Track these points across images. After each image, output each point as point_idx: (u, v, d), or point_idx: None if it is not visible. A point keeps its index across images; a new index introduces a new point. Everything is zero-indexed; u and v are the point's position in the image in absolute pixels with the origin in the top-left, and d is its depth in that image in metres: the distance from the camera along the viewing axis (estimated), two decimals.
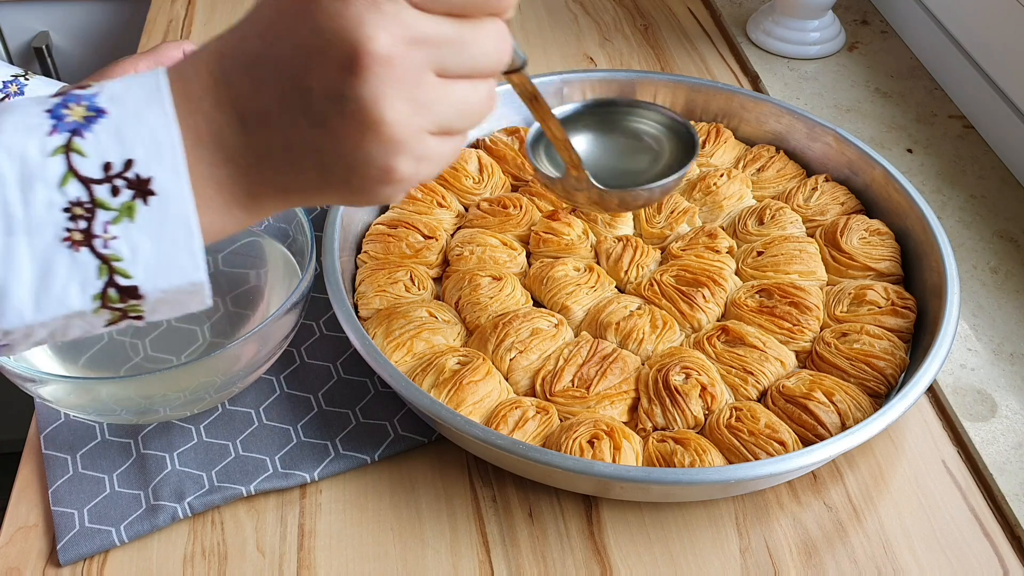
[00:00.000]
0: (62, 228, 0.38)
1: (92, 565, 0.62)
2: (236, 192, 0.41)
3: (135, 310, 0.40)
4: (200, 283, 0.40)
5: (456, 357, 0.69)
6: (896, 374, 0.69)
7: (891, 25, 1.15)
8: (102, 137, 0.38)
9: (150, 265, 0.39)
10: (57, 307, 0.38)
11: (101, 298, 0.39)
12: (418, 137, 0.40)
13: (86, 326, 0.40)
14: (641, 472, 0.59)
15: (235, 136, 0.39)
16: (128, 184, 0.38)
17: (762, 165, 0.88)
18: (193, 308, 0.42)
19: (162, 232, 0.38)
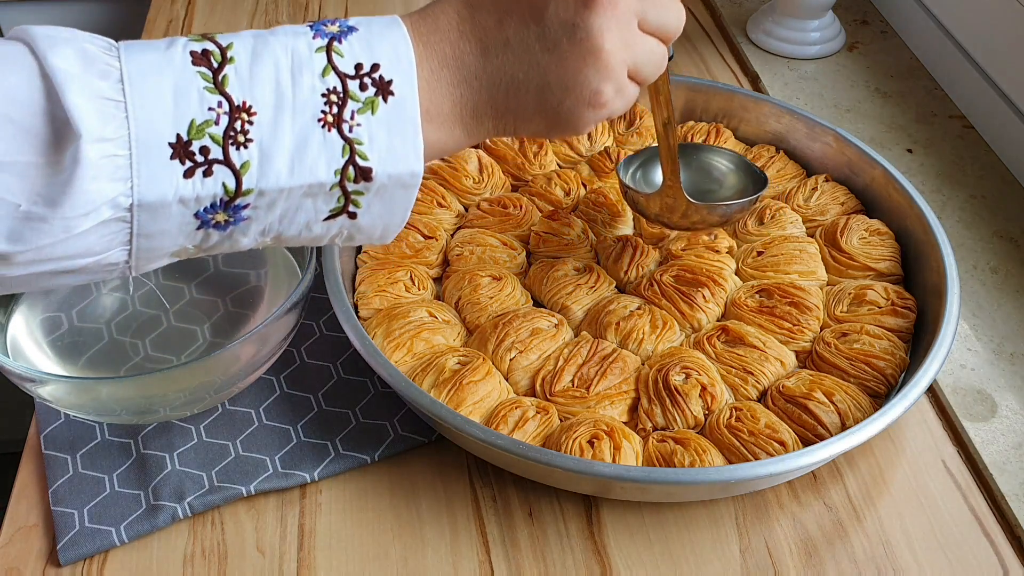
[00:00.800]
0: (319, 110, 0.45)
1: (92, 565, 0.62)
2: (464, 110, 0.49)
3: (357, 198, 0.47)
4: (417, 174, 0.47)
5: (456, 357, 0.69)
6: (896, 374, 0.69)
7: (891, 25, 1.15)
8: (355, 44, 0.46)
9: (383, 152, 0.46)
10: (307, 175, 0.45)
11: (341, 174, 0.46)
12: (621, 69, 0.50)
13: (313, 211, 0.47)
14: (641, 472, 0.59)
15: (476, 61, 0.49)
16: (374, 83, 0.46)
17: (762, 165, 0.88)
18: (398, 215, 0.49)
19: (395, 127, 0.46)
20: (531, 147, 0.89)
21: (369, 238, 0.51)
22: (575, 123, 0.51)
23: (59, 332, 0.71)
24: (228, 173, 0.44)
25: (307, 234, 0.49)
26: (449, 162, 0.86)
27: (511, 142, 0.89)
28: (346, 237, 0.50)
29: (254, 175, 0.45)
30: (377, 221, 0.49)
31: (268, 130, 0.45)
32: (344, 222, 0.49)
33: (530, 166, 0.88)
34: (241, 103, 0.44)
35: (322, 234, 0.49)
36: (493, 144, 0.89)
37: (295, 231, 0.48)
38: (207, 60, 0.44)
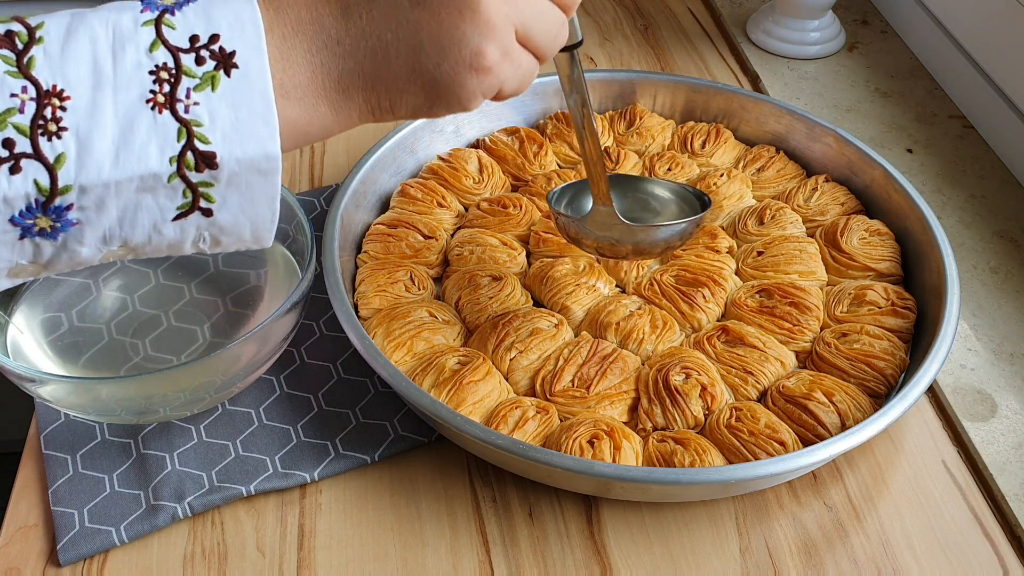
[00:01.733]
0: (147, 90, 0.40)
1: (92, 565, 0.62)
2: (327, 80, 0.44)
3: (207, 190, 0.41)
4: (274, 156, 0.41)
5: (456, 357, 0.69)
6: (896, 374, 0.69)
7: (891, 25, 1.15)
8: (190, 16, 0.41)
9: (228, 132, 0.41)
10: (136, 165, 0.40)
11: (178, 162, 0.40)
12: (506, 27, 0.44)
13: (157, 210, 0.41)
14: (641, 472, 0.59)
15: (336, 23, 0.43)
16: (212, 55, 0.40)
17: (762, 165, 0.88)
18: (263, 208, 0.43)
19: (241, 103, 0.41)
20: (531, 147, 0.89)
21: (239, 239, 0.45)
22: (457, 91, 0.45)
23: (59, 332, 0.71)
24: (40, 168, 0.39)
25: (160, 239, 0.43)
26: (449, 162, 0.86)
27: (511, 142, 0.89)
28: (211, 241, 0.44)
29: (71, 168, 0.39)
30: (240, 217, 0.43)
31: (85, 116, 0.39)
32: (199, 221, 0.43)
33: (530, 166, 0.88)
34: (51, 87, 0.39)
35: (178, 238, 0.43)
36: (493, 144, 0.89)
37: (143, 235, 0.42)
38: (10, 41, 0.39)
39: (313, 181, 0.92)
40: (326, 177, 0.93)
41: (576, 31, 0.55)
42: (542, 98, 0.94)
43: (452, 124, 0.90)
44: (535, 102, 0.94)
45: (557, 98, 0.94)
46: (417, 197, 0.83)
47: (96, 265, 0.45)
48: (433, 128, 0.88)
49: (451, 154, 0.88)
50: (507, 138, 0.90)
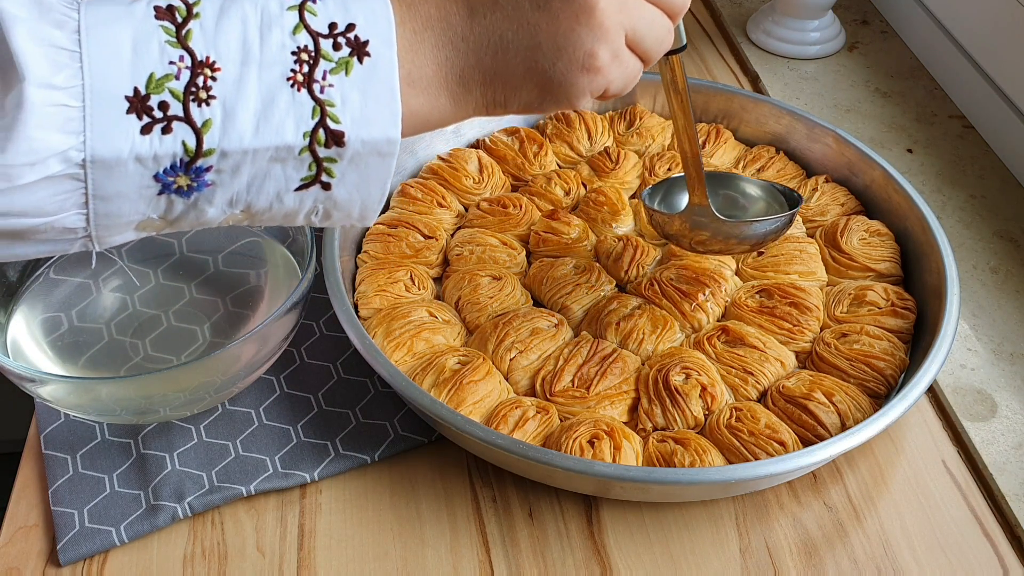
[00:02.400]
0: (288, 68, 0.43)
1: (92, 565, 0.62)
2: (450, 74, 0.47)
3: (331, 166, 0.45)
4: (394, 141, 0.45)
5: (456, 357, 0.69)
6: (896, 375, 0.69)
7: (891, 25, 1.15)
8: (330, 5, 0.44)
9: (356, 115, 0.44)
10: (273, 136, 0.43)
11: (311, 137, 0.44)
12: (617, 32, 0.47)
13: (283, 180, 0.45)
14: (641, 472, 0.59)
15: (462, 22, 0.46)
16: (348, 43, 0.44)
17: (762, 166, 0.88)
18: (375, 188, 0.46)
19: (370, 89, 0.44)
20: (531, 147, 0.89)
21: (347, 216, 0.48)
22: (568, 89, 0.48)
23: (59, 332, 0.71)
24: (188, 131, 0.42)
25: (279, 207, 0.46)
26: (449, 162, 0.86)
27: (511, 142, 0.89)
28: (323, 214, 0.48)
29: (216, 134, 0.43)
30: (354, 194, 0.47)
31: (232, 87, 0.42)
32: (318, 194, 0.46)
33: (530, 166, 0.88)
34: (204, 58, 0.42)
35: (295, 208, 0.47)
36: (493, 144, 0.89)
37: (265, 202, 0.46)
38: (171, 15, 0.43)
39: None
40: None
41: (681, 36, 0.57)
42: None
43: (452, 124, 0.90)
44: None
45: None
46: (417, 197, 0.83)
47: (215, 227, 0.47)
48: None
49: (451, 154, 0.88)
50: (507, 138, 0.90)
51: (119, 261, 0.76)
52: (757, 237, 0.71)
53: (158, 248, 0.77)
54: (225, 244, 0.77)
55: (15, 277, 0.72)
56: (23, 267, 0.72)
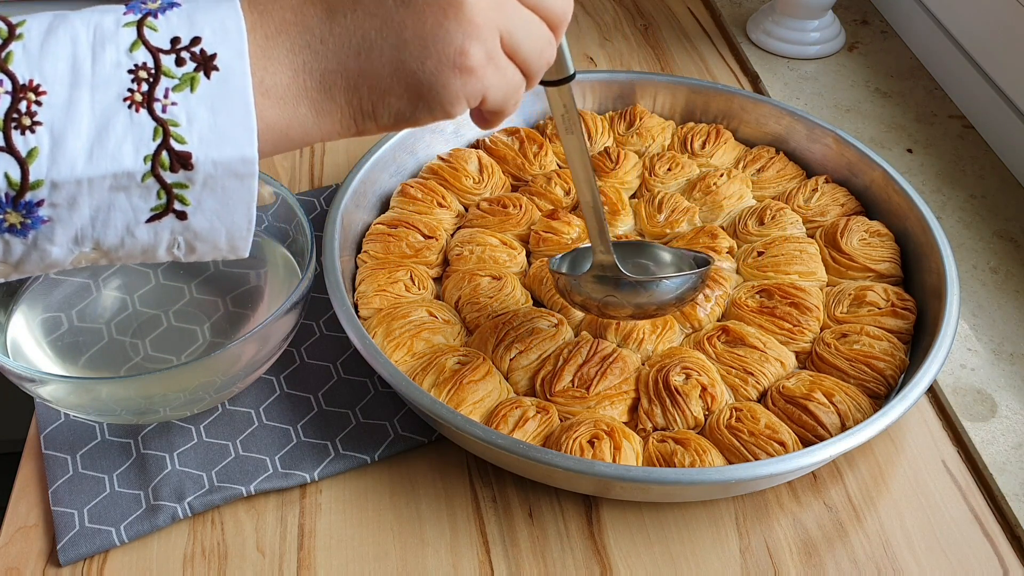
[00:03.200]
0: (125, 88, 0.40)
1: (92, 565, 0.62)
2: (309, 80, 0.43)
3: (182, 192, 0.41)
4: (251, 160, 0.41)
5: (456, 357, 0.69)
6: (896, 375, 0.69)
7: (891, 25, 1.15)
8: (173, 19, 0.41)
9: (205, 134, 0.40)
10: (109, 162, 0.39)
11: (153, 161, 0.40)
12: (491, 31, 0.44)
13: (130, 211, 0.41)
14: (641, 472, 0.59)
15: (320, 24, 0.43)
16: (193, 57, 0.40)
17: (762, 166, 0.88)
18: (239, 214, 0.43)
19: (220, 105, 0.40)
20: (531, 147, 0.89)
21: (214, 248, 0.44)
22: (440, 92, 0.44)
23: (59, 332, 0.71)
24: (11, 161, 0.39)
25: (133, 242, 0.42)
26: (449, 162, 0.86)
27: (511, 142, 0.89)
28: (185, 247, 0.43)
29: (43, 163, 0.39)
30: (216, 223, 0.43)
31: (61, 112, 0.39)
32: (174, 224, 0.42)
33: (530, 166, 0.88)
34: (28, 81, 0.39)
35: (151, 242, 0.42)
36: (493, 144, 0.89)
37: (115, 238, 0.42)
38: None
39: (313, 181, 0.92)
40: (326, 177, 0.93)
41: (567, 64, 0.53)
42: (542, 99, 0.94)
43: (452, 124, 0.90)
44: (535, 102, 0.94)
45: None
46: (417, 197, 0.83)
47: (70, 268, 0.44)
48: (433, 128, 0.88)
49: (451, 154, 0.88)
50: (507, 138, 0.90)
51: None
52: (667, 296, 0.66)
53: None
54: None
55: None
56: None
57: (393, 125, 0.46)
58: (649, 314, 0.68)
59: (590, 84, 0.94)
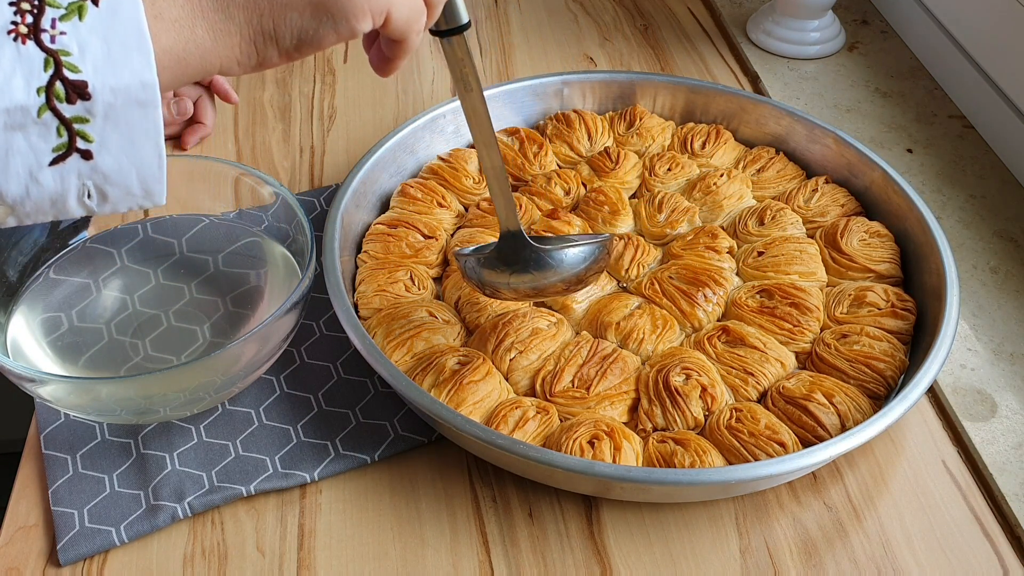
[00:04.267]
0: (8, 22, 0.38)
1: (92, 565, 0.62)
2: (205, 1, 0.41)
3: (83, 127, 0.39)
4: (150, 84, 0.39)
5: (456, 357, 0.69)
6: (895, 376, 0.69)
7: (891, 25, 1.15)
8: None
9: (99, 62, 0.39)
10: (1, 96, 0.38)
11: (47, 92, 0.38)
12: None
13: (30, 153, 0.39)
14: (642, 473, 0.59)
15: None
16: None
17: (762, 166, 0.88)
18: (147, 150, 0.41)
19: (112, 33, 0.39)
20: (531, 147, 0.89)
21: (127, 192, 0.42)
22: (344, 5, 0.43)
23: (59, 332, 0.71)
24: None
25: (39, 191, 0.40)
26: (449, 162, 0.86)
27: (511, 142, 0.89)
28: (97, 195, 0.41)
29: None
30: (123, 161, 0.41)
31: None
32: (80, 166, 0.40)
33: (530, 166, 0.88)
34: None
35: (58, 190, 0.40)
36: None
37: (19, 186, 0.40)
38: None
39: (313, 181, 0.92)
40: (326, 177, 0.93)
41: (459, 12, 0.52)
42: (542, 98, 0.94)
43: (452, 124, 0.90)
44: (535, 102, 0.94)
45: (557, 98, 0.94)
46: (417, 197, 0.83)
47: None
48: (433, 128, 0.88)
49: (451, 154, 0.88)
50: (507, 138, 0.90)
51: (119, 261, 0.76)
52: (572, 266, 0.66)
53: (158, 248, 0.77)
54: (225, 244, 0.77)
55: (15, 277, 0.72)
56: (23, 267, 0.72)
57: (296, 48, 0.44)
58: (552, 287, 0.66)
59: (590, 84, 0.94)
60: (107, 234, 0.77)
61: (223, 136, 0.97)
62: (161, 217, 0.78)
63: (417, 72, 1.08)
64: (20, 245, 0.72)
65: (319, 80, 1.06)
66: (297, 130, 0.98)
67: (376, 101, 1.03)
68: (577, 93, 0.94)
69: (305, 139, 0.97)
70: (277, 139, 0.97)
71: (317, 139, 0.98)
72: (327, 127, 0.99)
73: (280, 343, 0.67)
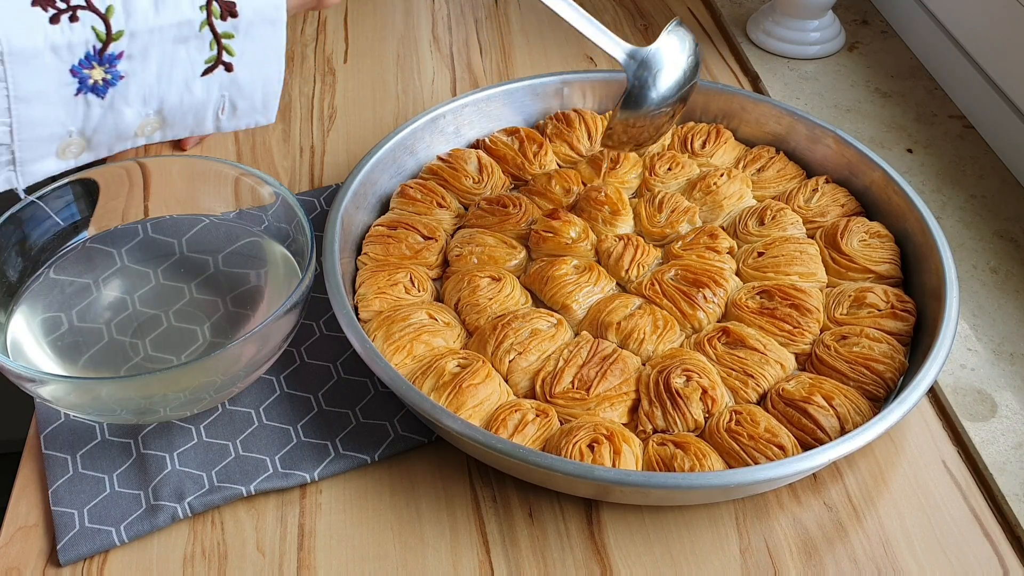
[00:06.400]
0: None
1: (92, 565, 0.62)
2: None
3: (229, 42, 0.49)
4: (280, 6, 0.51)
5: (456, 360, 0.69)
6: (895, 378, 0.69)
7: (891, 25, 1.15)
8: None
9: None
10: (173, 12, 0.48)
11: (207, 9, 0.48)
12: None
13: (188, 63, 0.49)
14: (641, 477, 0.59)
15: None
16: None
17: (762, 166, 0.88)
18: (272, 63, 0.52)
19: None
20: (531, 147, 0.89)
21: (251, 105, 0.52)
22: None
23: (59, 332, 0.71)
24: (95, 17, 0.46)
25: (190, 99, 0.50)
26: (449, 162, 0.86)
27: (511, 142, 0.89)
28: (229, 106, 0.52)
29: (121, 17, 0.46)
30: (255, 73, 0.51)
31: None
32: (223, 78, 0.50)
33: (530, 166, 0.88)
34: None
35: (204, 99, 0.51)
36: (493, 144, 0.89)
37: (176, 95, 0.50)
38: None
39: (313, 181, 0.92)
40: (326, 177, 0.93)
41: None
42: (542, 98, 0.94)
43: (452, 124, 0.90)
44: (535, 102, 0.94)
45: (557, 98, 0.94)
46: (416, 198, 0.83)
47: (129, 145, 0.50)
48: (433, 129, 0.88)
49: (451, 154, 0.88)
50: (507, 138, 0.90)
51: (119, 261, 0.76)
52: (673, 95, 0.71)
53: (158, 248, 0.77)
54: (225, 244, 0.77)
55: (15, 277, 0.72)
56: (23, 267, 0.72)
57: None
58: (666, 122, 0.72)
59: (590, 84, 0.94)
60: (107, 234, 0.77)
61: (223, 136, 0.97)
62: (161, 217, 0.78)
63: (417, 72, 1.08)
64: (20, 245, 0.72)
65: (319, 80, 1.06)
66: (297, 130, 0.98)
67: (376, 101, 1.03)
68: (577, 93, 0.94)
69: (305, 139, 0.97)
70: (277, 139, 0.97)
71: (317, 139, 0.98)
72: (327, 127, 0.99)
73: (280, 343, 0.67)
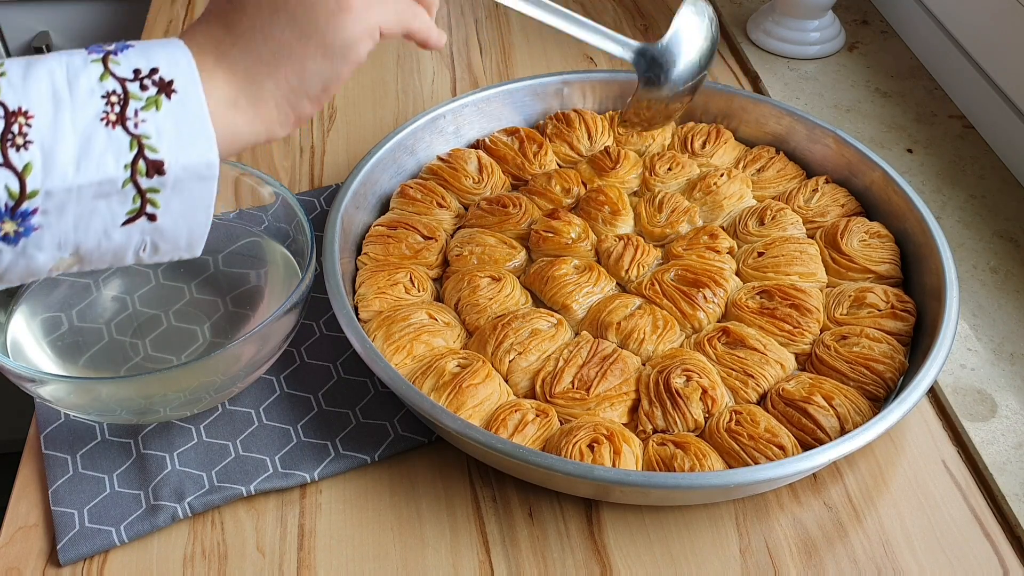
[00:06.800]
0: (100, 110, 0.46)
1: (92, 565, 0.62)
2: (240, 83, 0.50)
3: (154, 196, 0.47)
4: (213, 164, 0.48)
5: (456, 360, 0.69)
6: (895, 378, 0.69)
7: (891, 25, 1.15)
8: (131, 55, 0.48)
9: (172, 143, 0.47)
10: (95, 171, 0.46)
11: (131, 168, 0.46)
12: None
13: (108, 215, 0.47)
14: (641, 477, 0.59)
15: (226, 36, 0.50)
16: (154, 83, 0.47)
17: (762, 166, 0.88)
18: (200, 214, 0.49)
19: (182, 120, 0.47)
20: (531, 147, 0.89)
21: (175, 247, 0.50)
22: (342, 38, 0.50)
23: (59, 332, 0.71)
24: (10, 175, 0.44)
25: (107, 244, 0.48)
26: (449, 162, 0.86)
27: (511, 142, 0.89)
28: (151, 248, 0.50)
29: (38, 175, 0.45)
30: (180, 223, 0.49)
31: (48, 131, 0.45)
32: (144, 226, 0.48)
33: (530, 166, 0.88)
34: (16, 108, 0.45)
35: (123, 244, 0.49)
36: (493, 144, 0.89)
37: (93, 241, 0.48)
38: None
39: (313, 181, 0.92)
40: (326, 177, 0.93)
41: None
42: (542, 98, 0.94)
43: (452, 124, 0.90)
44: (535, 102, 0.94)
45: (557, 98, 0.94)
46: (416, 198, 0.83)
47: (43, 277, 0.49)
48: (433, 129, 0.88)
49: (451, 154, 0.88)
50: (507, 138, 0.90)
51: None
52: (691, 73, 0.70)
53: None
54: (225, 244, 0.77)
55: None
56: None
57: (323, 91, 0.52)
58: (685, 95, 0.71)
59: (590, 84, 0.94)
60: None
61: None
62: None
63: (417, 72, 1.08)
64: None
65: None
66: (297, 130, 0.98)
67: (376, 101, 1.03)
68: (577, 93, 0.94)
69: (305, 139, 0.97)
70: None
71: (317, 139, 0.98)
72: (327, 127, 0.99)
73: (280, 343, 0.67)
